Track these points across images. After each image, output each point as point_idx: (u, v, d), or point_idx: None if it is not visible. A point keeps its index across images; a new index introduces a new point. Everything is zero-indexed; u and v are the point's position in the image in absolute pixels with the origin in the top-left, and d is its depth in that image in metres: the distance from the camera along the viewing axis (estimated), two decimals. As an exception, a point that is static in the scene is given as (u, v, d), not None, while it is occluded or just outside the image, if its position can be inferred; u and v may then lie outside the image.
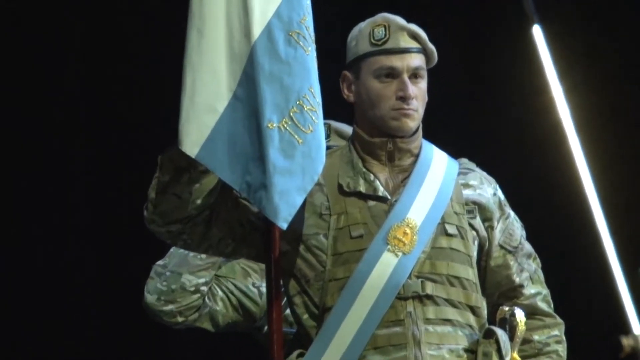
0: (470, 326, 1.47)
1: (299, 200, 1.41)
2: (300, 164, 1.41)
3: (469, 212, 1.51)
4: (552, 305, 1.56)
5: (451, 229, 1.48)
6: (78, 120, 3.04)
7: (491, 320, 1.50)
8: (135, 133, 2.94)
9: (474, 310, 1.48)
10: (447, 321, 1.45)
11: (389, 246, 1.45)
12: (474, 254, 1.50)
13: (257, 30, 1.41)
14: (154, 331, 2.21)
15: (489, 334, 1.46)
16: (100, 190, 3.00)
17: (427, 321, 1.43)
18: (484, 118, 1.92)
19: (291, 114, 1.42)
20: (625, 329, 1.25)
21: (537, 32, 1.31)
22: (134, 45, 2.97)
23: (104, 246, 2.95)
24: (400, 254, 1.45)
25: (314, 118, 1.43)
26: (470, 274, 1.49)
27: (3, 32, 2.92)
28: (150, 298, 1.70)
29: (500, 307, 1.50)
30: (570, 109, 1.36)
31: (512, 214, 1.57)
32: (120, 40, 2.99)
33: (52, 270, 2.91)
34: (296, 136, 1.41)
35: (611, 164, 1.80)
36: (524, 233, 1.57)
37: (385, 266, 1.45)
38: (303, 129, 1.41)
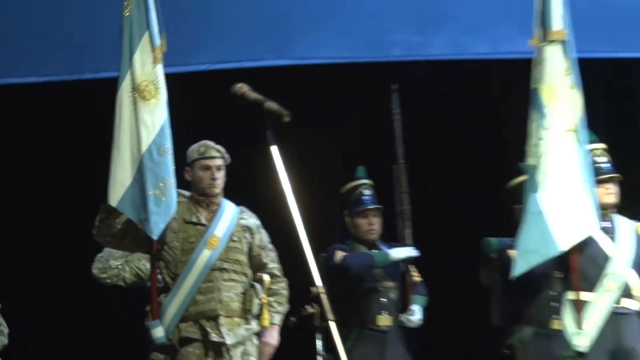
0: (244, 283, 3.11)
1: (162, 227, 2.96)
2: (164, 210, 2.97)
3: (243, 230, 3.18)
4: (282, 272, 3.24)
5: (235, 238, 3.13)
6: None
7: (253, 279, 3.14)
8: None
9: (246, 275, 3.13)
10: (233, 280, 3.07)
11: (206, 246, 3.05)
12: (246, 250, 3.15)
13: (144, 147, 2.98)
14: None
15: (252, 286, 3.11)
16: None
17: (224, 280, 3.04)
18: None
19: (160, 185, 2.99)
20: (312, 283, 2.37)
21: (275, 152, 1.74)
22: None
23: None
24: (212, 250, 3.05)
25: (170, 188, 3.00)
26: (244, 259, 3.13)
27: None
28: (95, 271, 3.26)
29: (257, 273, 3.16)
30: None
31: (263, 231, 3.25)
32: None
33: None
34: (162, 197, 2.97)
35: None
36: (269, 239, 3.24)
37: (205, 256, 3.03)
38: (165, 193, 2.98)
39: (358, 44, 4.27)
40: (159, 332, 2.98)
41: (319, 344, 1.96)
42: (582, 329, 3.07)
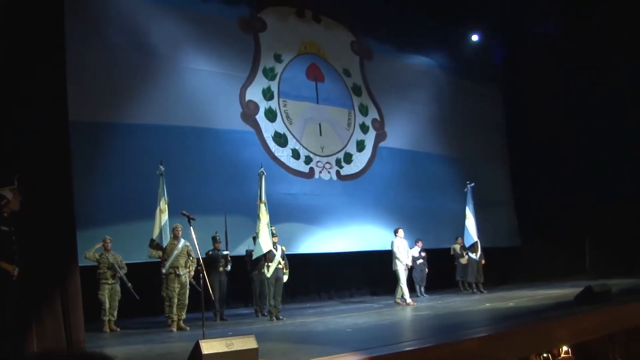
0: (185, 258, 12.20)
1: (166, 244, 12.25)
2: (165, 241, 12.26)
3: (186, 247, 12.37)
4: (195, 256, 12.79)
5: (184, 248, 12.41)
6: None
7: (188, 257, 12.68)
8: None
9: (186, 257, 12.46)
10: (182, 258, 12.18)
11: (175, 250, 12.16)
12: (186, 251, 12.37)
13: (162, 224, 12.46)
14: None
15: (187, 258, 12.57)
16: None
17: (180, 258, 12.10)
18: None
19: (166, 235, 12.38)
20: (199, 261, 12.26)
21: (191, 226, 12.11)
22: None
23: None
24: (177, 251, 12.15)
25: (168, 236, 12.39)
26: (185, 253, 12.34)
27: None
28: (148, 254, 12.48)
29: (189, 257, 12.72)
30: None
31: (190, 247, 12.61)
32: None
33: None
34: (166, 239, 12.30)
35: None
36: (192, 248, 12.75)
37: (175, 252, 12.04)
38: (166, 237, 12.34)
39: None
40: (163, 270, 12.08)
41: (201, 277, 10.05)
42: (269, 271, 12.97)
